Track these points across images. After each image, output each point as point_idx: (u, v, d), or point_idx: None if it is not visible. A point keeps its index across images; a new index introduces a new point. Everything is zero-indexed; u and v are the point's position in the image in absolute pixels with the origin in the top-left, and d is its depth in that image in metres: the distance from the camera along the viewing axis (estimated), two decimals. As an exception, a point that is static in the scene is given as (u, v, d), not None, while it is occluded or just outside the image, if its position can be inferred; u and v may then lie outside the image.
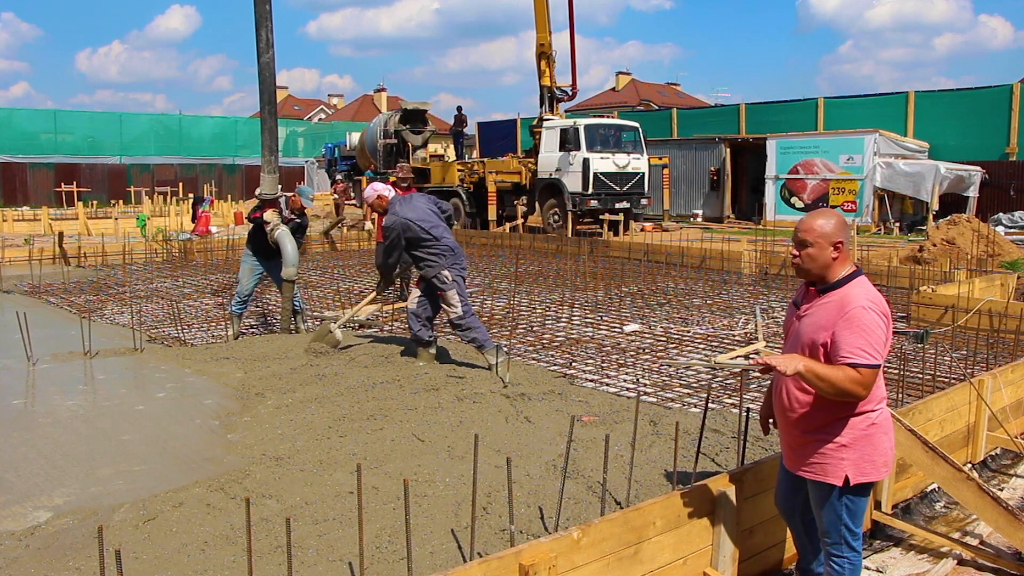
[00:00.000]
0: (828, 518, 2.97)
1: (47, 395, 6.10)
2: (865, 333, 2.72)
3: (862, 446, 2.86)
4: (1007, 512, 3.61)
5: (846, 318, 2.75)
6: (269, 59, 7.93)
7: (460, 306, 6.37)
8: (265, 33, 7.90)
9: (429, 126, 24.73)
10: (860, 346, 2.71)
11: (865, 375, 2.71)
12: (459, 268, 6.48)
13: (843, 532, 2.94)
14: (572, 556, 2.83)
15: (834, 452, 2.87)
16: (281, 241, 7.87)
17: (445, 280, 6.38)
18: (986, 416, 4.94)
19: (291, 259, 7.87)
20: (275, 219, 7.91)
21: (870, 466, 2.87)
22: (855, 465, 2.86)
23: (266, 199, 7.99)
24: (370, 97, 62.86)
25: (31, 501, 4.12)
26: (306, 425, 5.17)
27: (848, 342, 2.73)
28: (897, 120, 24.04)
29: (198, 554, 3.47)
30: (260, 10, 7.91)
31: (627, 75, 56.73)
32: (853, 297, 2.78)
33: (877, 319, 2.74)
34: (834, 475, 2.87)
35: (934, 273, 11.13)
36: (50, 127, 36.09)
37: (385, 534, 3.61)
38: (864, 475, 2.87)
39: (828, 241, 2.84)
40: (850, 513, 2.93)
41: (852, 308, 2.75)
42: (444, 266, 6.39)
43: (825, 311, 2.83)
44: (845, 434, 2.85)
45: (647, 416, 5.31)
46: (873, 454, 2.87)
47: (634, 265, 14.03)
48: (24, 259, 13.68)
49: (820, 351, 2.81)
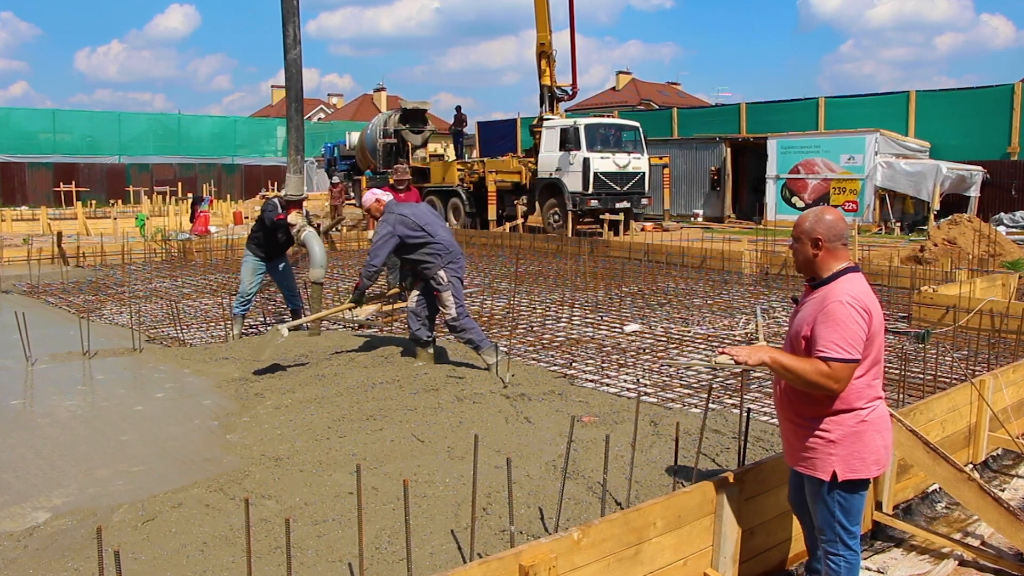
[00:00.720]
0: (821, 514, 2.99)
1: (46, 395, 6.09)
2: (840, 327, 2.76)
3: (851, 443, 2.87)
4: (1008, 513, 3.60)
5: (824, 312, 2.81)
6: (296, 55, 7.78)
7: (454, 307, 6.36)
8: (292, 29, 7.74)
9: (429, 126, 24.72)
10: (834, 340, 2.75)
11: (836, 369, 2.75)
12: (455, 268, 6.45)
13: (837, 530, 2.96)
14: (572, 557, 2.82)
15: (823, 447, 2.90)
16: (308, 243, 7.79)
17: (441, 281, 6.37)
18: (987, 416, 4.92)
19: (319, 260, 7.80)
20: (300, 220, 7.84)
21: (859, 463, 2.88)
22: (844, 461, 2.87)
23: (292, 199, 7.87)
24: (370, 96, 62.85)
25: (30, 502, 4.11)
26: (305, 425, 5.15)
27: (822, 336, 2.78)
28: (898, 120, 24.02)
29: (197, 555, 3.46)
30: (287, 5, 7.76)
31: (627, 74, 56.74)
32: (835, 292, 2.83)
33: (854, 314, 2.77)
34: (823, 470, 2.90)
35: (935, 273, 11.11)
36: (49, 127, 36.06)
37: (385, 535, 3.60)
38: (854, 472, 2.88)
39: (808, 237, 2.92)
40: (843, 510, 2.94)
41: (831, 303, 2.81)
42: (440, 266, 6.37)
43: (812, 305, 2.90)
44: (834, 430, 2.88)
45: (647, 416, 5.30)
46: (863, 451, 2.88)
47: (634, 265, 14.01)
48: (23, 259, 13.66)
49: (803, 343, 2.88)
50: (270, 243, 7.95)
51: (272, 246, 7.97)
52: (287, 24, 7.77)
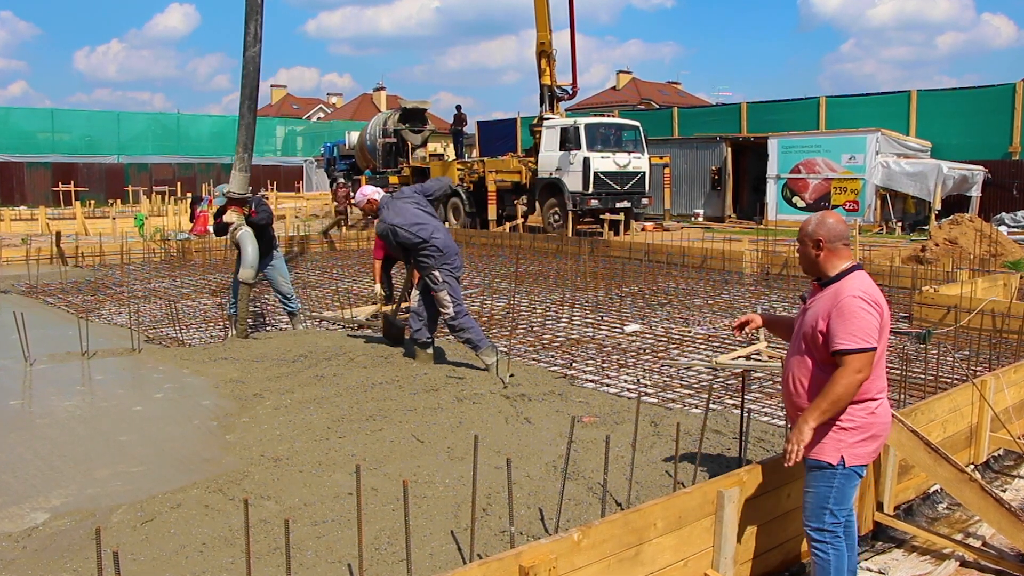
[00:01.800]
0: (816, 498, 3.11)
1: (44, 396, 6.08)
2: (854, 320, 2.94)
3: (860, 433, 3.05)
4: (1010, 513, 3.60)
5: (838, 307, 2.98)
6: (255, 53, 7.82)
7: (452, 307, 6.35)
8: (254, 27, 7.78)
9: (428, 125, 24.71)
10: (851, 332, 2.93)
11: (854, 360, 2.92)
12: (450, 268, 6.43)
13: (826, 516, 3.09)
14: (572, 558, 2.81)
15: (834, 434, 3.04)
16: (242, 242, 7.78)
17: (436, 280, 6.36)
18: (989, 417, 4.91)
19: (250, 261, 7.76)
20: (237, 219, 7.81)
21: (864, 452, 3.07)
22: (851, 448, 3.04)
23: (234, 198, 7.86)
24: (369, 96, 62.78)
25: (28, 502, 4.10)
26: (305, 426, 5.14)
27: (839, 330, 2.95)
28: (899, 119, 23.96)
29: (196, 555, 3.45)
30: (251, 3, 7.80)
31: (628, 74, 56.66)
32: (846, 288, 3.02)
33: (867, 306, 2.96)
34: (830, 455, 3.05)
35: (936, 273, 11.10)
36: (47, 126, 35.93)
37: (384, 535, 3.60)
38: (858, 459, 3.06)
39: (810, 239, 3.12)
40: (838, 495, 3.08)
41: (843, 298, 2.98)
42: (434, 267, 6.37)
43: (823, 302, 3.07)
44: (846, 420, 3.03)
45: (648, 417, 5.29)
46: (868, 441, 3.07)
47: (635, 265, 14.01)
48: (21, 259, 13.62)
49: (819, 337, 3.03)
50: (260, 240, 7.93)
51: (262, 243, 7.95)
52: (249, 21, 7.79)
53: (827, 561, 3.11)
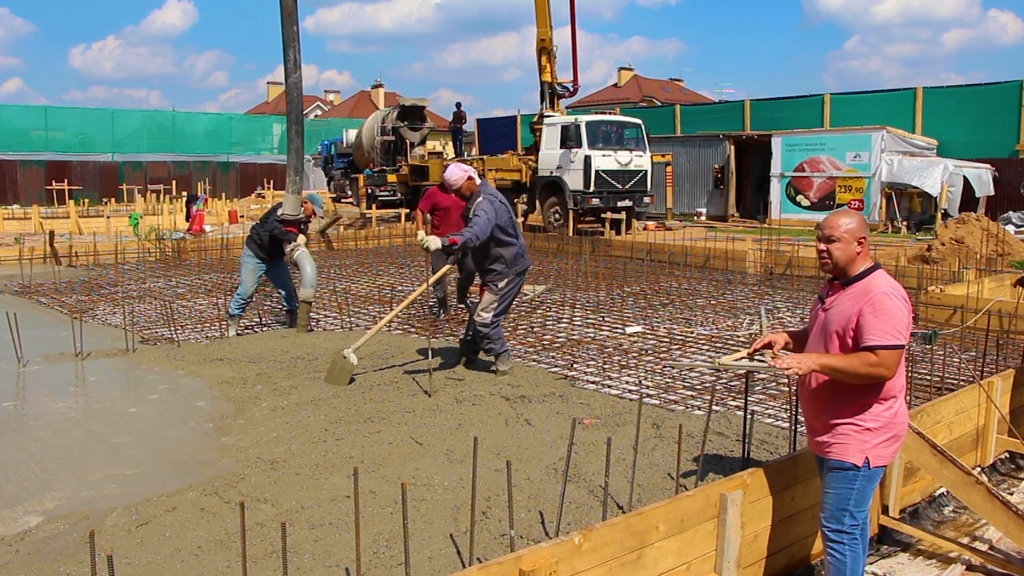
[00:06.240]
0: (836, 499, 3.09)
1: (38, 397, 6.03)
2: (888, 316, 2.95)
3: (884, 433, 3.05)
4: (1017, 517, 3.56)
5: (870, 303, 2.98)
6: (297, 79, 8.07)
7: (491, 314, 6.23)
8: (293, 54, 8.02)
9: (427, 123, 24.70)
10: (884, 328, 2.94)
11: (885, 356, 2.92)
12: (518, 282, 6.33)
13: (845, 518, 3.08)
14: (573, 561, 2.78)
15: (858, 434, 3.04)
16: (300, 262, 8.05)
17: (497, 289, 6.22)
18: (995, 419, 4.87)
19: (310, 280, 8.04)
20: (299, 240, 8.10)
21: (886, 452, 3.07)
22: (875, 449, 3.04)
23: (288, 220, 8.09)
24: (367, 93, 62.57)
25: (21, 505, 4.06)
26: (302, 428, 5.10)
27: (872, 326, 2.95)
28: (905, 117, 23.90)
29: (192, 559, 3.42)
30: (287, 31, 8.03)
31: (630, 71, 56.51)
32: (876, 285, 3.03)
33: (899, 304, 2.98)
34: (855, 455, 3.04)
35: (943, 273, 11.06)
36: (41, 124, 35.59)
37: (382, 539, 3.57)
38: (881, 459, 3.06)
39: (853, 237, 3.10)
40: (859, 496, 3.08)
41: (875, 294, 2.99)
42: (505, 275, 6.21)
43: (851, 300, 3.06)
44: (870, 419, 3.04)
45: (650, 419, 5.27)
46: (891, 441, 3.08)
47: (636, 264, 13.96)
48: (14, 258, 13.51)
49: (849, 337, 3.03)
50: (273, 245, 8.11)
51: (274, 248, 8.15)
52: (287, 49, 8.02)
53: (843, 563, 3.10)
